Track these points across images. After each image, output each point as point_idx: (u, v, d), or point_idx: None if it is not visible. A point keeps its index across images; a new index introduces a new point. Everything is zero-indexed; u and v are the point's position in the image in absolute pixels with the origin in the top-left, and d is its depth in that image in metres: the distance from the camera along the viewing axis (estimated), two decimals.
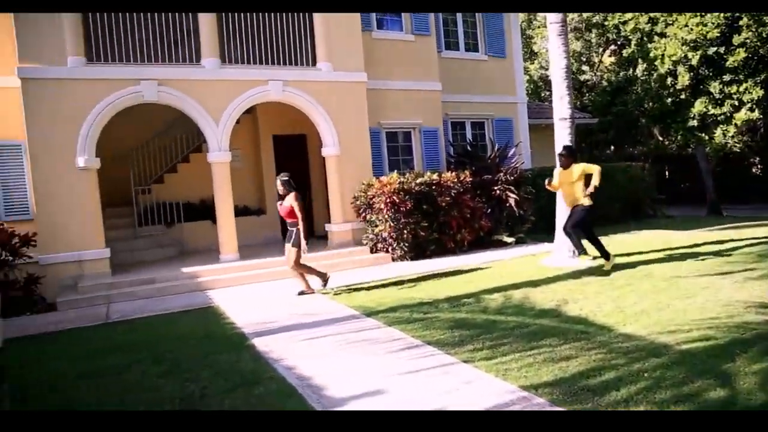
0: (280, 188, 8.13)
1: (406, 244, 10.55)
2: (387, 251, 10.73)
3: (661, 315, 5.76)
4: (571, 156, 8.54)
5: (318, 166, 13.08)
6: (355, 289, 8.36)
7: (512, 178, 12.29)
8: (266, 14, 10.80)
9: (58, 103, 9.04)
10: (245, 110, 10.84)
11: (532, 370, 4.42)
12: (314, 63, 11.25)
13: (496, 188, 12.10)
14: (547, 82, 26.53)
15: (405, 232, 10.47)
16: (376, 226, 10.69)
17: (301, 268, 8.27)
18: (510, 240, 12.02)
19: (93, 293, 8.65)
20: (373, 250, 10.87)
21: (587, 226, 8.47)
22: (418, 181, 10.70)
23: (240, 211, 11.60)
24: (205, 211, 11.87)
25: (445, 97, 13.64)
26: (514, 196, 11.99)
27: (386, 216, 10.36)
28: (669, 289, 6.89)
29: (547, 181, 8.75)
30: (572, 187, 8.41)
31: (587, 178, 8.30)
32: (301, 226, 7.98)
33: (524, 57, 23.58)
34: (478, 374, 4.45)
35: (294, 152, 13.30)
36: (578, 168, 8.39)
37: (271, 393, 4.39)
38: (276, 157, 13.11)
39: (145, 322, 7.29)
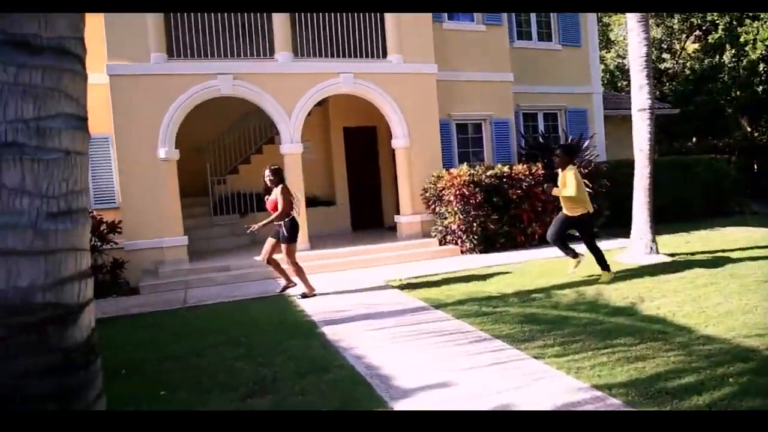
0: (268, 180, 7.73)
1: (476, 237, 10.45)
2: (456, 244, 10.66)
3: (748, 318, 5.44)
4: (566, 156, 7.74)
5: (388, 158, 13.13)
6: (424, 281, 8.36)
7: (586, 170, 11.89)
8: None
9: (141, 98, 9.50)
10: (317, 102, 11.02)
11: (605, 369, 4.29)
12: (385, 55, 11.29)
13: None
14: (624, 72, 25.48)
15: (474, 224, 10.36)
16: (445, 218, 10.64)
17: (294, 266, 7.81)
18: None
19: (172, 279, 9.08)
20: (442, 242, 10.82)
21: (590, 236, 7.83)
22: (488, 173, 10.56)
23: (310, 202, 11.83)
24: None
25: (517, 87, 13.35)
26: (587, 189, 11.58)
27: (455, 208, 10.29)
28: (758, 290, 6.49)
29: (546, 186, 8.16)
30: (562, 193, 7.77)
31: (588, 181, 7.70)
32: (276, 216, 7.57)
33: (600, 45, 22.72)
34: (549, 371, 4.36)
35: (364, 144, 13.42)
36: (569, 173, 7.56)
37: (341, 380, 4.47)
38: (346, 149, 13.27)
39: (220, 307, 7.58)
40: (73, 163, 2.19)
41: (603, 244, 10.70)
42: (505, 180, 10.65)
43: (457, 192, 10.16)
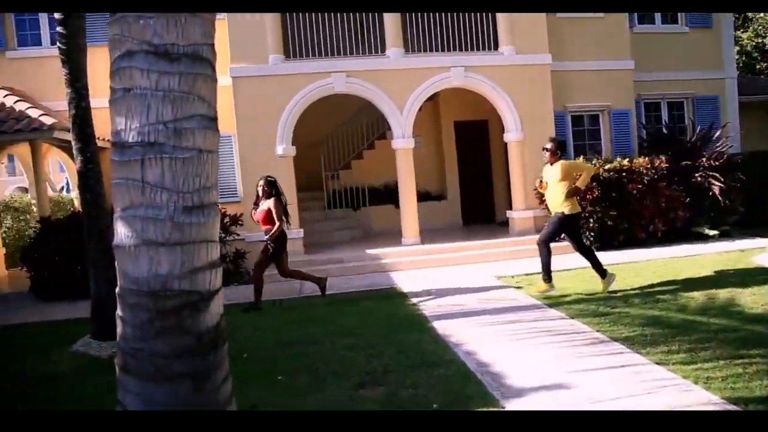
0: (261, 190, 7.50)
1: (592, 234, 10.00)
2: None
3: None
4: (556, 150, 7.10)
5: (499, 152, 12.89)
6: (537, 279, 8.12)
7: (717, 163, 10.99)
8: None
9: (261, 98, 10.02)
10: (428, 97, 11.04)
11: (740, 382, 3.93)
12: (496, 47, 11.07)
13: (696, 175, 10.92)
14: (763, 52, 23.19)
15: (591, 220, 9.92)
16: None
17: (257, 273, 7.54)
18: (712, 233, 10.79)
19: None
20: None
21: (578, 239, 7.21)
22: (606, 167, 10.07)
23: (422, 196, 11.89)
24: (389, 195, 12.34)
25: (638, 75, 12.56)
26: (718, 183, 10.72)
27: None
28: None
29: (537, 183, 7.49)
30: (554, 188, 6.98)
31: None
32: (276, 230, 7.36)
33: (735, 24, 20.77)
34: (674, 379, 4.08)
35: (475, 138, 13.26)
36: (564, 166, 6.94)
37: (451, 375, 4.47)
38: (457, 143, 13.18)
39: (334, 298, 7.83)
40: (205, 160, 2.36)
41: (737, 244, 9.90)
42: (624, 174, 10.10)
43: None
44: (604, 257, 9.29)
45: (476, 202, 13.16)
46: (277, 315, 7.10)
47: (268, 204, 7.43)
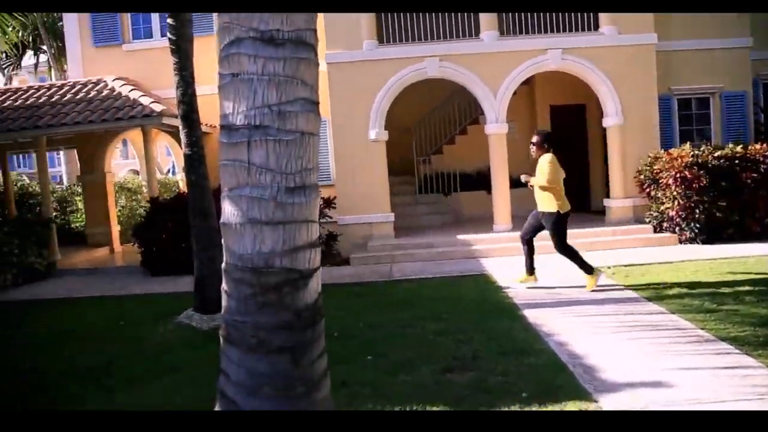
0: None
1: (698, 226, 9.39)
2: (673, 232, 9.70)
3: None
4: (541, 143, 6.77)
5: (597, 138, 12.36)
6: (636, 271, 7.77)
7: None
8: None
9: (354, 83, 10.16)
10: (523, 81, 10.76)
11: None
12: (596, 27, 10.57)
13: None
14: None
15: (697, 211, 9.32)
16: (662, 203, 9.73)
17: None
18: None
19: (379, 252, 9.67)
20: (657, 229, 9.93)
21: (561, 237, 6.77)
22: (716, 154, 9.39)
23: (514, 183, 11.63)
24: (480, 181, 12.19)
25: (756, 54, 11.57)
26: None
27: (674, 193, 9.35)
28: None
29: (524, 177, 7.04)
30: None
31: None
32: None
33: None
34: None
35: (571, 123, 12.76)
36: (543, 162, 6.67)
37: (542, 365, 4.38)
38: (552, 128, 12.72)
39: (423, 282, 7.88)
40: (307, 142, 2.44)
41: None
42: (737, 162, 9.38)
43: (677, 175, 9.21)
44: (711, 250, 8.78)
45: (571, 189, 12.50)
46: (367, 297, 7.23)
47: None
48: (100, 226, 13.22)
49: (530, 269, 7.16)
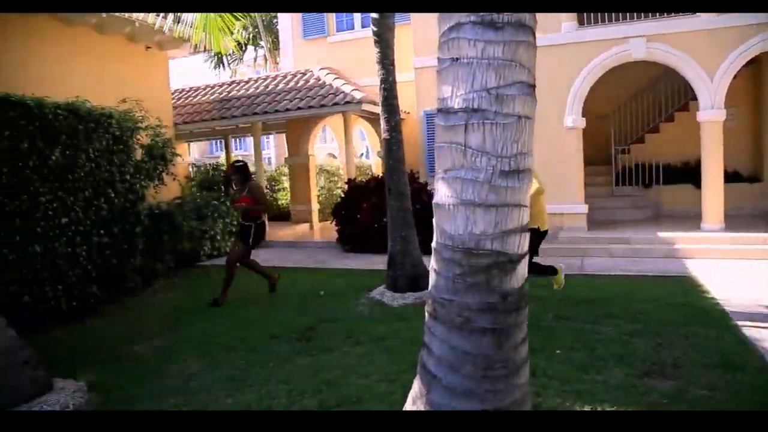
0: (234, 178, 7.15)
1: None
2: None
3: None
4: None
5: None
6: None
7: None
8: None
9: (552, 68, 9.76)
10: (746, 61, 9.50)
11: None
12: None
13: None
14: None
15: None
16: None
17: (230, 270, 7.06)
18: None
19: (570, 245, 9.30)
20: None
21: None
22: None
23: (729, 177, 10.41)
24: (687, 174, 11.11)
25: None
26: None
27: None
28: None
29: None
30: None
31: None
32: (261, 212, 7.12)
33: None
34: None
35: None
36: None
37: (758, 385, 3.91)
38: None
39: (617, 279, 7.43)
40: (523, 126, 2.43)
41: None
42: None
43: None
44: None
45: None
46: (554, 289, 7.00)
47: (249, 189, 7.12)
48: (302, 204, 14.50)
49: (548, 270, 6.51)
